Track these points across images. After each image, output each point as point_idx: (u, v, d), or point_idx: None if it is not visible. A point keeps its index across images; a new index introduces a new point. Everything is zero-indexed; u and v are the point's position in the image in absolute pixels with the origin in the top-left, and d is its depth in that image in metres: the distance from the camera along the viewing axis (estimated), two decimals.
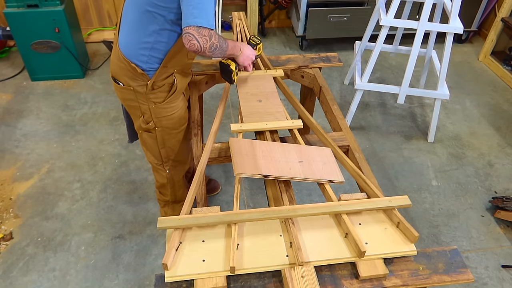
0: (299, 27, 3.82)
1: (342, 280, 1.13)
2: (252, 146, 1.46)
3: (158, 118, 1.70)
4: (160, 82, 1.61)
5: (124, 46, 1.57)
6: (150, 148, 1.83)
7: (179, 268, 1.11)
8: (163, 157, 1.85)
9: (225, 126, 2.90)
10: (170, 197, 2.05)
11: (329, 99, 1.91)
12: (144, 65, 1.56)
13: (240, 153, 1.41)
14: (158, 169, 1.93)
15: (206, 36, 1.38)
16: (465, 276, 1.15)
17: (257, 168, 1.35)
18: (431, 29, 2.59)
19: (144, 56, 1.54)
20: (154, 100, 1.64)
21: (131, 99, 1.67)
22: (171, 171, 1.93)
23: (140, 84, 1.60)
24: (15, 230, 2.26)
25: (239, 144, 1.45)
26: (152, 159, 1.88)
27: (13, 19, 3.02)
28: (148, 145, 1.83)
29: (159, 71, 1.57)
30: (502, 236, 2.32)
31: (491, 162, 2.80)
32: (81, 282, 2.02)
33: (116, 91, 1.72)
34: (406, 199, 1.29)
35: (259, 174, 1.33)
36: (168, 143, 1.81)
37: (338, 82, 3.55)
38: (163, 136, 1.77)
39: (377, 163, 2.75)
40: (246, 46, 1.74)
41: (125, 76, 1.61)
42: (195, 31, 1.36)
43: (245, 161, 1.37)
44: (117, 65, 1.62)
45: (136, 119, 1.76)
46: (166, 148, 1.82)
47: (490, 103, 3.36)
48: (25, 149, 2.76)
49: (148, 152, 1.87)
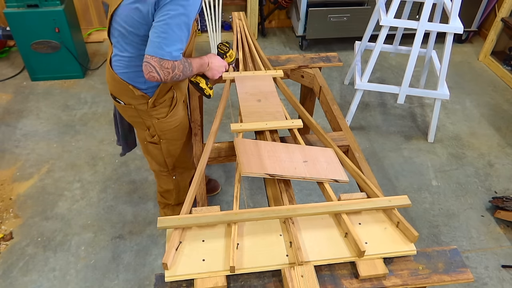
0: (299, 27, 3.82)
1: (342, 279, 1.13)
2: (257, 146, 1.46)
3: (163, 131, 1.69)
4: (161, 99, 1.58)
5: (119, 68, 1.52)
6: (155, 158, 1.83)
7: (179, 268, 1.11)
8: (169, 165, 1.85)
9: (225, 126, 2.90)
10: (174, 201, 2.05)
11: (329, 99, 1.91)
12: (143, 86, 1.53)
13: (246, 152, 1.40)
14: (162, 176, 1.93)
15: (169, 68, 1.32)
16: (465, 276, 1.15)
17: (263, 167, 1.35)
18: (431, 29, 2.59)
19: (141, 78, 1.50)
20: (157, 116, 1.63)
21: (134, 116, 1.65)
22: (177, 177, 1.93)
23: (141, 103, 1.57)
24: (15, 230, 2.26)
25: (244, 144, 1.45)
26: (157, 167, 1.87)
27: (13, 19, 3.02)
28: (153, 155, 1.82)
29: (159, 90, 1.54)
30: (502, 236, 2.32)
31: (491, 162, 2.80)
32: (81, 282, 2.02)
33: (117, 108, 1.70)
34: (406, 199, 1.29)
35: (265, 174, 1.33)
36: (174, 153, 1.80)
37: (338, 82, 3.55)
38: (168, 147, 1.76)
39: (377, 163, 2.75)
40: (214, 58, 1.68)
41: (125, 96, 1.58)
42: (157, 63, 1.29)
43: (251, 161, 1.37)
44: (114, 86, 1.58)
45: (141, 132, 1.74)
46: (172, 157, 1.81)
47: (490, 103, 3.36)
48: (25, 149, 2.76)
49: (153, 162, 1.86)
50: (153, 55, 1.28)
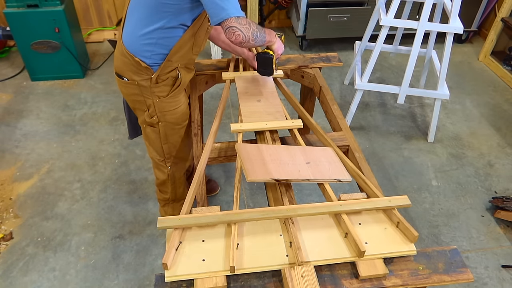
0: (299, 27, 3.82)
1: (342, 279, 1.13)
2: (259, 150, 1.45)
3: (162, 112, 1.70)
4: (164, 76, 1.61)
5: (128, 41, 1.56)
6: (153, 143, 1.84)
7: (179, 268, 1.11)
8: (165, 153, 1.86)
9: (225, 126, 2.90)
10: (171, 195, 2.05)
11: (329, 99, 1.91)
12: (148, 60, 1.56)
13: (249, 158, 1.39)
14: (159, 165, 1.93)
15: (246, 24, 1.34)
16: (465, 276, 1.15)
17: (268, 172, 1.34)
18: (431, 29, 2.59)
19: (147, 52, 1.54)
20: (158, 94, 1.64)
21: (136, 94, 1.67)
22: (172, 168, 1.93)
23: (144, 78, 1.60)
24: (15, 230, 2.26)
25: (246, 150, 1.44)
26: (154, 154, 1.88)
27: (13, 19, 3.03)
28: (151, 140, 1.83)
29: (163, 65, 1.57)
30: (502, 236, 2.32)
31: (491, 162, 2.80)
32: (81, 282, 2.02)
33: (120, 87, 1.72)
34: (406, 199, 1.29)
35: (271, 179, 1.32)
36: (171, 139, 1.81)
37: (338, 82, 3.55)
38: (166, 131, 1.77)
39: (377, 163, 2.75)
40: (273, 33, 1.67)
41: (129, 71, 1.61)
42: (236, 22, 1.32)
43: (256, 166, 1.36)
44: (121, 60, 1.61)
45: (140, 114, 1.76)
46: (169, 143, 1.82)
47: (490, 103, 3.36)
48: (25, 149, 2.76)
49: (150, 147, 1.87)
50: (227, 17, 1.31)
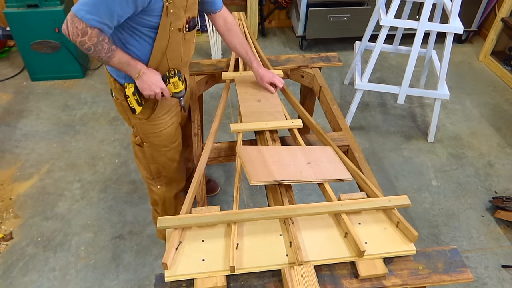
0: (299, 27, 3.82)
1: (342, 279, 1.13)
2: (260, 152, 1.44)
3: (145, 134, 1.63)
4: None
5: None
6: (141, 162, 1.78)
7: (179, 268, 1.11)
8: (154, 172, 1.79)
9: (225, 126, 2.90)
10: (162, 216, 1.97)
11: (329, 99, 1.91)
12: (123, 80, 1.47)
13: (251, 161, 1.38)
14: (150, 184, 1.88)
15: (79, 30, 1.22)
16: (465, 276, 1.15)
17: (270, 174, 1.33)
18: (431, 29, 2.59)
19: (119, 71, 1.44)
20: (138, 115, 1.55)
21: (122, 112, 1.61)
22: (163, 188, 1.87)
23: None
24: (15, 230, 2.26)
25: (247, 152, 1.43)
26: (144, 173, 1.83)
27: (13, 19, 3.03)
28: (139, 158, 1.78)
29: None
30: (502, 236, 2.32)
31: (491, 162, 2.80)
32: (81, 282, 2.02)
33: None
34: (406, 199, 1.29)
35: (274, 181, 1.31)
36: (158, 160, 1.73)
37: (338, 82, 3.55)
38: (152, 152, 1.70)
39: (377, 163, 2.75)
40: (152, 73, 1.43)
41: (113, 89, 1.54)
42: (70, 18, 1.22)
43: (258, 169, 1.35)
44: (107, 76, 1.56)
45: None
46: (156, 164, 1.75)
47: (490, 103, 3.36)
48: (25, 149, 2.76)
49: (140, 166, 1.82)
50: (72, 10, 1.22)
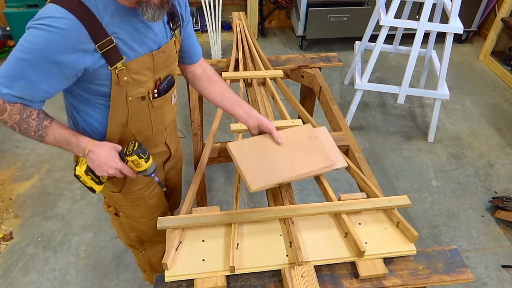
0: (299, 27, 3.82)
1: (342, 279, 1.13)
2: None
3: (118, 205, 1.40)
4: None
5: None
6: (118, 231, 1.54)
7: (179, 268, 1.11)
8: (134, 240, 1.54)
9: (225, 126, 2.90)
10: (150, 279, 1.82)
11: (329, 99, 1.91)
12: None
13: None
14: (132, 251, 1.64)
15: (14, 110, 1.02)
16: (465, 276, 1.15)
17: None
18: (431, 29, 2.59)
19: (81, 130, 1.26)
20: (109, 188, 1.32)
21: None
22: (147, 252, 1.61)
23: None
24: (15, 230, 2.26)
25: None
26: (124, 240, 1.57)
27: (13, 19, 3.02)
28: (116, 227, 1.53)
29: None
30: (502, 236, 2.32)
31: (491, 162, 2.80)
32: (81, 282, 2.02)
33: None
34: (406, 199, 1.29)
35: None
36: (138, 229, 1.49)
37: (338, 82, 3.55)
38: (130, 222, 1.46)
39: (377, 163, 2.75)
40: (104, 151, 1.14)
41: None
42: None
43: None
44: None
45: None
46: (136, 232, 1.50)
47: (490, 103, 3.36)
48: (25, 149, 2.76)
49: (118, 233, 1.57)
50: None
